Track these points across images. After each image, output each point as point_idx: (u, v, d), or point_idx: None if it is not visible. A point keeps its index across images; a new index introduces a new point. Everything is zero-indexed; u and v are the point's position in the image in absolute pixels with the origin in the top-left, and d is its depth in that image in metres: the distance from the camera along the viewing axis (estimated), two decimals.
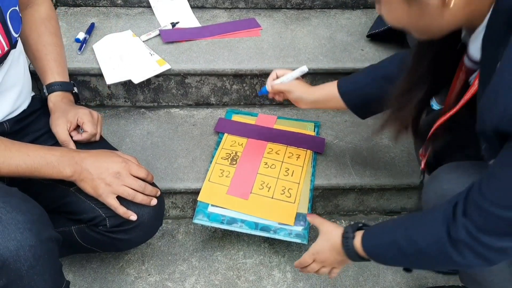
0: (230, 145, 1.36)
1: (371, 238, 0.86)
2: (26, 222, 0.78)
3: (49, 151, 0.92)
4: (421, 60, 0.82)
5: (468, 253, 0.70)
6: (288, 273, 1.25)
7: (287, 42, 1.52)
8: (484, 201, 0.66)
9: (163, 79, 1.45)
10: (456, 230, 0.69)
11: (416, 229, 0.77)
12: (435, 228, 0.73)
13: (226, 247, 1.31)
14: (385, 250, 0.83)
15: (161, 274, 1.24)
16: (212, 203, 1.21)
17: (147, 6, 1.63)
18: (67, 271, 1.24)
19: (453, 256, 0.71)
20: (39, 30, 1.12)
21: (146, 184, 0.99)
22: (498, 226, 0.66)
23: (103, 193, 0.94)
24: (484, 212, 0.66)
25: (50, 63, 1.11)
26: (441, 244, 0.72)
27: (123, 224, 0.99)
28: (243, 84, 1.48)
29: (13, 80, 1.01)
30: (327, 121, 1.48)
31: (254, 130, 1.41)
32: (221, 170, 1.28)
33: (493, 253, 0.69)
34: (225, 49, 1.48)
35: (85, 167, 0.93)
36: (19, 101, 1.04)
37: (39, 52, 1.11)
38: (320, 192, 1.35)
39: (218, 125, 1.43)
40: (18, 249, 0.76)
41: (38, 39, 1.12)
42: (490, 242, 0.67)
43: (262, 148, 1.36)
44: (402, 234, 0.78)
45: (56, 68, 1.12)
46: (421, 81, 0.85)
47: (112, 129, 1.43)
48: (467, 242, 0.69)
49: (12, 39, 0.95)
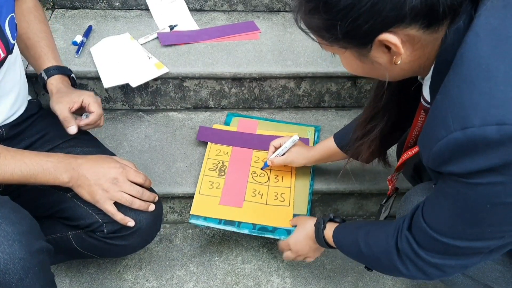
0: (216, 154, 1.34)
1: (339, 233, 0.96)
2: (16, 234, 0.77)
3: (45, 157, 0.90)
4: (382, 94, 0.86)
5: (410, 264, 0.76)
6: (287, 278, 1.24)
7: (286, 45, 1.51)
8: (423, 222, 0.72)
9: (161, 82, 1.44)
10: (401, 242, 0.77)
11: (374, 235, 0.85)
12: (387, 238, 0.80)
13: (224, 252, 1.30)
14: (348, 247, 0.94)
15: (158, 279, 1.23)
16: (206, 215, 1.19)
17: (145, 8, 1.62)
18: (63, 277, 1.22)
19: (399, 266, 0.78)
20: (28, 19, 1.12)
21: (144, 190, 0.98)
22: (434, 246, 0.72)
23: (100, 199, 0.93)
24: (422, 231, 0.72)
25: (44, 49, 1.11)
26: (389, 253, 0.79)
27: (120, 230, 0.98)
28: (242, 87, 1.47)
29: (9, 85, 1.00)
30: (326, 125, 1.48)
31: (237, 138, 1.39)
32: (210, 182, 1.27)
33: (431, 268, 0.75)
34: (223, 52, 1.47)
35: (82, 173, 0.92)
36: (15, 106, 1.03)
37: (30, 40, 1.10)
38: (319, 196, 1.34)
39: (200, 134, 1.40)
40: (7, 261, 0.74)
41: (28, 27, 1.11)
42: (428, 257, 0.73)
43: (248, 157, 1.34)
44: (362, 237, 0.87)
45: (50, 53, 1.11)
46: (381, 113, 0.91)
47: (110, 132, 1.42)
48: (409, 255, 0.76)
49: (10, 45, 0.94)
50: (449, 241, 0.69)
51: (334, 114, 1.52)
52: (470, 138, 0.56)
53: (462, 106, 0.57)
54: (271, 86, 1.47)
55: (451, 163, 0.60)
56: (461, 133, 0.56)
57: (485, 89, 0.56)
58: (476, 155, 0.57)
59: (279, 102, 1.52)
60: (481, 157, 0.56)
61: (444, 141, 0.59)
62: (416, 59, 0.66)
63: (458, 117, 0.57)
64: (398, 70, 0.69)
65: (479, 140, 0.55)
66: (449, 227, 0.69)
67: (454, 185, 0.64)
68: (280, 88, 1.48)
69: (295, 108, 1.54)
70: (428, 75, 0.70)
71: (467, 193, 0.62)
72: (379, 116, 0.91)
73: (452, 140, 0.58)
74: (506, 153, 0.55)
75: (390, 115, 0.90)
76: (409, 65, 0.68)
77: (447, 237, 0.69)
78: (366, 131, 0.94)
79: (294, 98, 1.51)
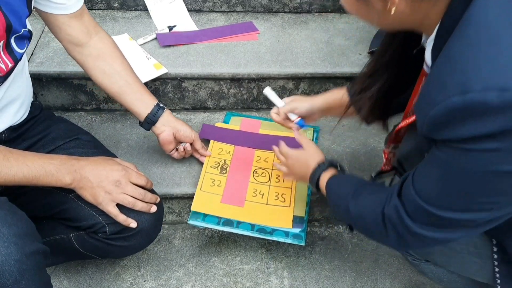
0: (218, 153, 1.34)
1: (333, 183, 0.95)
2: (11, 236, 0.76)
3: (47, 159, 0.90)
4: (386, 49, 0.86)
5: (391, 230, 0.76)
6: (285, 279, 1.25)
7: (284, 46, 1.52)
8: (412, 189, 0.70)
9: (159, 83, 1.44)
10: (388, 208, 0.75)
11: (365, 197, 0.84)
12: (377, 201, 0.79)
13: (223, 253, 1.30)
14: (337, 199, 0.92)
15: (157, 280, 1.23)
16: (207, 212, 1.19)
17: (144, 9, 1.62)
18: (62, 277, 1.22)
19: (381, 230, 0.78)
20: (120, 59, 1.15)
21: (145, 192, 0.99)
22: (421, 215, 0.70)
23: (103, 201, 0.93)
24: (411, 199, 0.71)
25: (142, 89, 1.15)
26: (376, 215, 0.78)
27: (123, 231, 0.98)
28: (240, 88, 1.47)
29: (16, 93, 0.99)
30: (324, 125, 1.48)
31: (240, 137, 1.39)
32: (211, 179, 1.27)
33: (412, 238, 0.73)
34: (222, 53, 1.47)
35: (84, 175, 0.92)
36: (20, 113, 1.03)
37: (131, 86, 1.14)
38: (317, 197, 1.34)
39: (202, 132, 1.40)
40: (2, 263, 0.74)
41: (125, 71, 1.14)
42: (412, 226, 0.72)
43: (251, 156, 1.35)
44: (354, 195, 0.86)
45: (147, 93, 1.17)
46: (381, 70, 0.89)
47: (108, 133, 1.42)
48: (393, 221, 0.74)
49: (17, 56, 0.93)
50: (436, 211, 0.68)
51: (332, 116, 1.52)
52: (469, 103, 0.55)
53: (463, 71, 0.56)
54: (270, 86, 1.47)
55: (446, 129, 0.59)
56: (459, 97, 0.55)
57: (490, 54, 0.54)
58: (473, 121, 0.56)
59: None
60: (478, 123, 0.55)
61: (441, 105, 0.57)
62: (417, 13, 0.65)
63: (458, 81, 0.56)
64: (393, 21, 0.68)
65: (478, 105, 0.54)
66: (438, 196, 0.67)
67: (447, 151, 0.63)
68: (279, 88, 1.48)
69: None
70: (432, 36, 0.68)
71: (460, 160, 0.61)
72: (379, 73, 0.90)
73: (449, 105, 0.56)
74: (504, 120, 0.54)
75: (389, 75, 0.88)
76: (407, 18, 0.66)
77: (435, 207, 0.68)
78: (365, 86, 0.93)
79: None
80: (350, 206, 0.85)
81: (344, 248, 1.33)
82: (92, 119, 1.47)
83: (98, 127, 1.44)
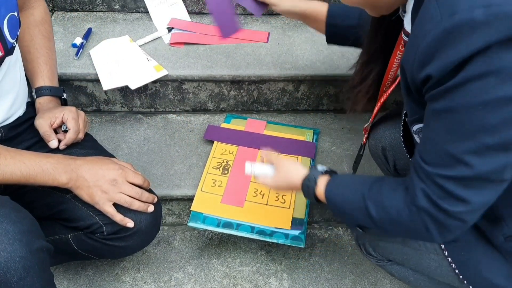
0: (221, 153, 1.35)
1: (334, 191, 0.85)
2: (16, 233, 0.77)
3: (44, 158, 0.91)
4: (375, 36, 0.89)
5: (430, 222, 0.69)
6: (285, 281, 1.25)
7: (284, 49, 1.52)
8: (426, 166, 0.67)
9: (160, 84, 1.44)
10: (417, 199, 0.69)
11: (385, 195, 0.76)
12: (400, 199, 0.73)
13: (222, 255, 1.30)
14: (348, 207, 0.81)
15: (156, 282, 1.23)
16: (207, 212, 1.20)
17: (144, 11, 1.63)
18: (61, 279, 1.22)
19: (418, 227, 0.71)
20: (32, 32, 1.12)
21: (142, 191, 0.98)
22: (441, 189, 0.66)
23: (99, 200, 0.93)
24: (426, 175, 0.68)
25: (41, 67, 1.11)
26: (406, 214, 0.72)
27: (120, 231, 0.98)
28: (241, 90, 1.47)
29: (8, 86, 1.00)
30: (324, 127, 1.48)
31: (244, 137, 1.40)
32: (213, 180, 1.28)
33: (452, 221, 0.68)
34: (222, 55, 1.47)
35: (81, 174, 0.92)
36: (13, 108, 1.03)
37: (30, 55, 1.11)
38: None
39: (208, 133, 1.41)
40: (7, 260, 0.75)
41: (31, 41, 1.11)
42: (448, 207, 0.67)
43: (254, 156, 1.35)
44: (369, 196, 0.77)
45: (46, 72, 1.11)
46: (376, 55, 0.93)
47: (109, 134, 1.42)
48: (428, 210, 0.69)
49: (8, 45, 0.94)
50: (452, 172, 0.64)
51: (332, 117, 1.53)
52: (457, 23, 0.57)
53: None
54: (270, 89, 1.47)
55: (435, 58, 0.60)
56: (448, 20, 0.58)
57: None
58: (463, 41, 0.57)
59: (278, 105, 1.53)
60: (463, 43, 0.57)
61: (432, 33, 0.60)
62: None
63: (445, 7, 0.58)
64: None
65: (465, 23, 0.56)
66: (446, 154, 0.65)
67: (440, 100, 0.63)
68: (279, 91, 1.48)
69: (294, 111, 1.54)
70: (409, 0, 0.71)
71: (456, 102, 0.61)
72: (374, 59, 0.92)
73: (439, 30, 0.59)
74: (488, 34, 0.55)
75: (385, 56, 0.90)
76: None
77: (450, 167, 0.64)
78: (364, 76, 0.95)
79: (293, 101, 1.51)
80: (371, 211, 0.76)
81: (343, 250, 1.33)
82: (92, 121, 1.47)
83: (98, 129, 1.44)
